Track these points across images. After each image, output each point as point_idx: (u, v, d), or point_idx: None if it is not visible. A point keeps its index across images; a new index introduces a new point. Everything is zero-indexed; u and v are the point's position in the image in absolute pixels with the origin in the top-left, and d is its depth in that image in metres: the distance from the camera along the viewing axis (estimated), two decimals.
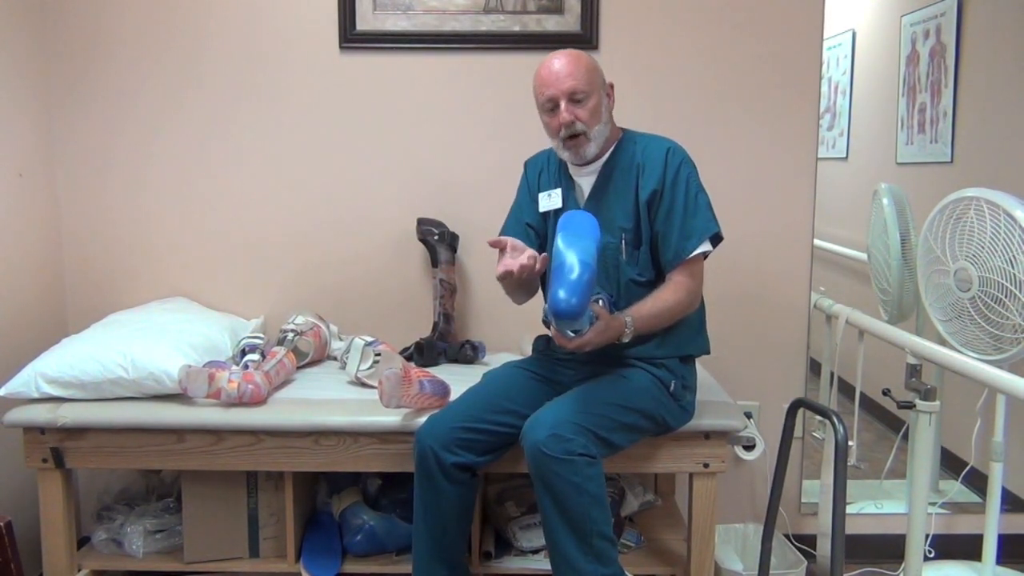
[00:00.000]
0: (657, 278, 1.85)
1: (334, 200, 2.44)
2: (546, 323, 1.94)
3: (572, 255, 1.57)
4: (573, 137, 1.78)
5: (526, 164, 2.03)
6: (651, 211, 1.81)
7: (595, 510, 1.64)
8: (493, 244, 1.74)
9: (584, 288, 1.55)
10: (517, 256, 1.68)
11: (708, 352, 1.94)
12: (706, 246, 1.81)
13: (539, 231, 1.95)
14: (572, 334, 1.63)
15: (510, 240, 1.73)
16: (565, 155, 1.84)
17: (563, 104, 1.76)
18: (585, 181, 1.89)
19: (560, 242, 1.62)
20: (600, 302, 1.78)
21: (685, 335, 1.87)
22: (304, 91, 2.40)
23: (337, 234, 2.45)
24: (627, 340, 1.73)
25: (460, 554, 1.87)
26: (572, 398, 1.74)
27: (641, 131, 1.90)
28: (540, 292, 1.99)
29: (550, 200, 1.91)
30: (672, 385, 1.83)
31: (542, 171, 1.96)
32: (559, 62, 1.77)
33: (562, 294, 1.53)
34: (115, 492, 2.23)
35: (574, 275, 1.55)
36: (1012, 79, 2.67)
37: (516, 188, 2.03)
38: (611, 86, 1.85)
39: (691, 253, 1.79)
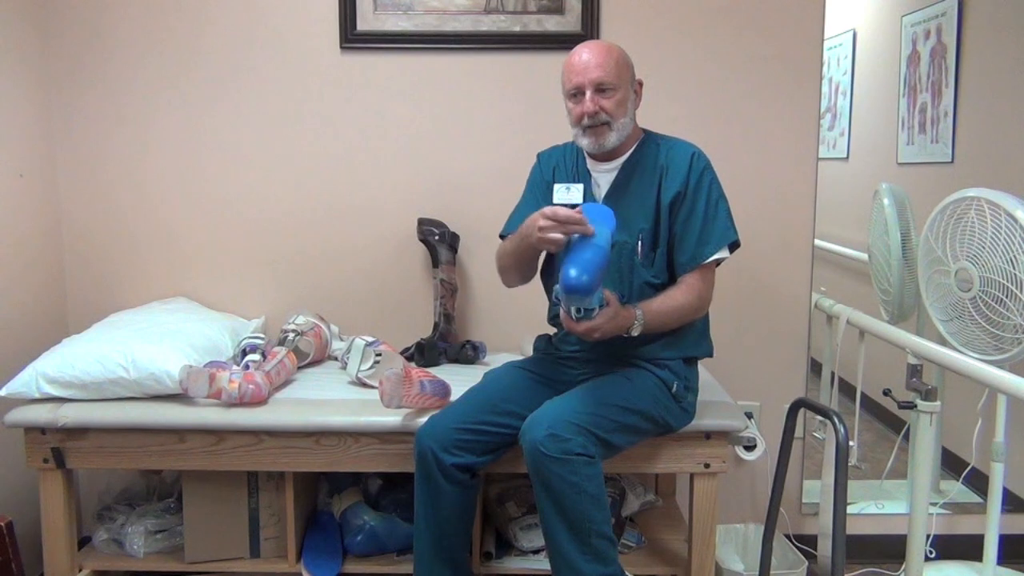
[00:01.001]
0: (671, 282, 1.84)
1: (335, 200, 2.44)
2: (554, 317, 1.93)
3: (586, 238, 1.59)
4: (595, 126, 1.78)
5: (540, 156, 2.00)
6: (672, 214, 1.81)
7: (594, 510, 1.63)
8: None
9: (596, 268, 1.56)
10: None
11: (711, 355, 1.94)
12: (723, 253, 1.81)
13: None
14: (581, 316, 1.63)
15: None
16: (584, 142, 1.82)
17: (588, 93, 1.75)
18: (603, 178, 1.88)
19: None
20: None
21: (691, 338, 1.87)
22: (305, 91, 2.40)
23: (338, 234, 2.45)
24: (636, 333, 1.72)
25: (462, 554, 1.86)
26: (572, 397, 1.74)
27: (663, 133, 1.90)
28: (543, 292, 1.99)
29: (569, 194, 1.87)
30: (675, 386, 1.83)
31: (557, 165, 1.94)
32: (590, 51, 1.77)
33: (573, 272, 1.55)
34: (116, 492, 2.23)
35: (587, 254, 1.57)
36: (1013, 79, 2.67)
37: (517, 188, 2.02)
38: (640, 83, 1.85)
39: (707, 258, 1.79)
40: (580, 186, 1.87)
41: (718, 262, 1.83)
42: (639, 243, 1.83)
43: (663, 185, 1.81)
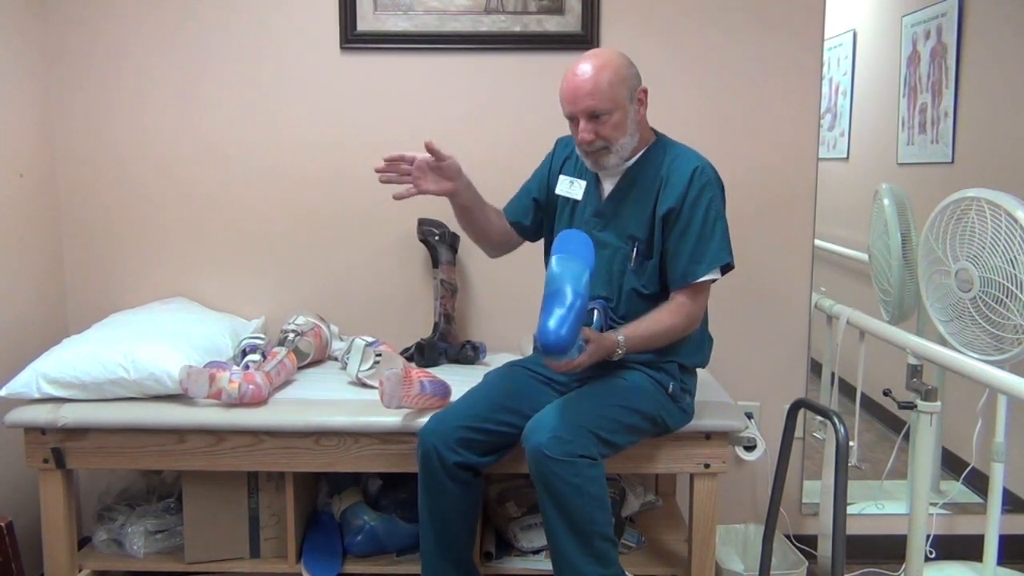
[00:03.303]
0: (661, 292, 1.83)
1: (335, 200, 2.44)
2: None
3: (564, 283, 1.58)
4: (594, 151, 1.77)
5: (558, 141, 1.99)
6: (666, 227, 1.78)
7: (596, 511, 1.64)
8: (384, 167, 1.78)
9: (574, 320, 1.55)
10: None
11: (705, 365, 1.94)
12: (715, 274, 1.78)
13: (543, 206, 1.95)
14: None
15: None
16: (587, 163, 1.82)
17: (583, 123, 1.73)
18: (608, 180, 1.87)
19: (554, 266, 1.63)
20: (595, 312, 1.78)
21: (686, 349, 1.86)
22: (305, 92, 2.40)
23: (338, 234, 2.45)
24: (617, 359, 1.73)
25: (467, 553, 1.87)
26: (573, 400, 1.74)
27: (675, 140, 1.87)
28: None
29: (571, 188, 1.88)
30: (670, 387, 1.82)
31: (570, 157, 1.93)
32: (582, 76, 1.71)
33: (552, 324, 1.53)
34: (116, 492, 2.23)
35: (565, 306, 1.55)
36: (1013, 79, 2.67)
37: (517, 186, 2.03)
38: (644, 91, 1.79)
39: (699, 278, 1.76)
40: (583, 183, 1.87)
41: (712, 280, 1.81)
42: (633, 251, 1.82)
43: (660, 197, 1.79)
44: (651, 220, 1.80)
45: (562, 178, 1.91)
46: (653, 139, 1.86)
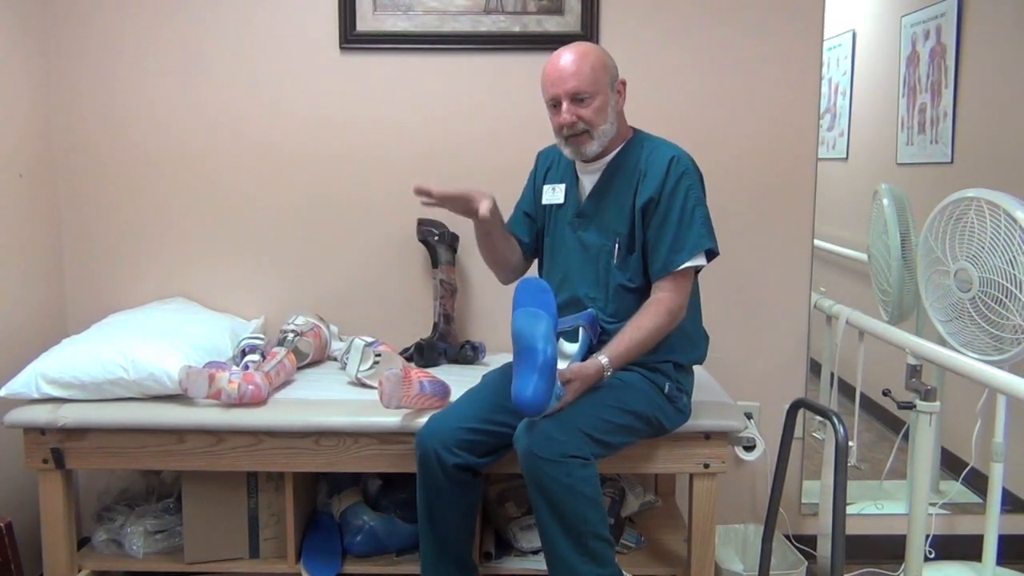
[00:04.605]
0: (647, 285, 1.83)
1: (334, 200, 2.44)
2: None
3: (533, 340, 1.59)
4: (575, 135, 1.78)
5: (538, 155, 2.03)
6: (645, 219, 1.79)
7: (589, 511, 1.63)
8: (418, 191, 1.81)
9: (547, 379, 1.56)
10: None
11: (701, 362, 1.94)
12: (699, 260, 1.78)
13: (536, 220, 1.97)
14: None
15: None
16: (567, 151, 1.83)
17: (565, 104, 1.75)
18: (588, 179, 1.88)
19: (518, 321, 1.64)
20: (581, 331, 1.79)
21: (681, 347, 1.85)
22: (304, 92, 2.40)
23: (337, 235, 2.45)
24: (609, 374, 1.73)
25: (467, 553, 1.87)
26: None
27: (652, 134, 1.88)
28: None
29: (554, 194, 1.92)
30: (666, 387, 1.82)
31: (552, 166, 1.96)
32: (565, 60, 1.75)
33: (528, 392, 1.55)
34: (115, 493, 2.23)
35: (535, 368, 1.56)
36: (1012, 79, 2.67)
37: (517, 188, 2.04)
38: (622, 83, 1.82)
39: (680, 266, 1.76)
40: (562, 186, 1.91)
41: (697, 269, 1.81)
42: (616, 247, 1.82)
43: (639, 189, 1.79)
44: (631, 213, 1.81)
45: (546, 188, 1.94)
46: (631, 135, 1.87)
